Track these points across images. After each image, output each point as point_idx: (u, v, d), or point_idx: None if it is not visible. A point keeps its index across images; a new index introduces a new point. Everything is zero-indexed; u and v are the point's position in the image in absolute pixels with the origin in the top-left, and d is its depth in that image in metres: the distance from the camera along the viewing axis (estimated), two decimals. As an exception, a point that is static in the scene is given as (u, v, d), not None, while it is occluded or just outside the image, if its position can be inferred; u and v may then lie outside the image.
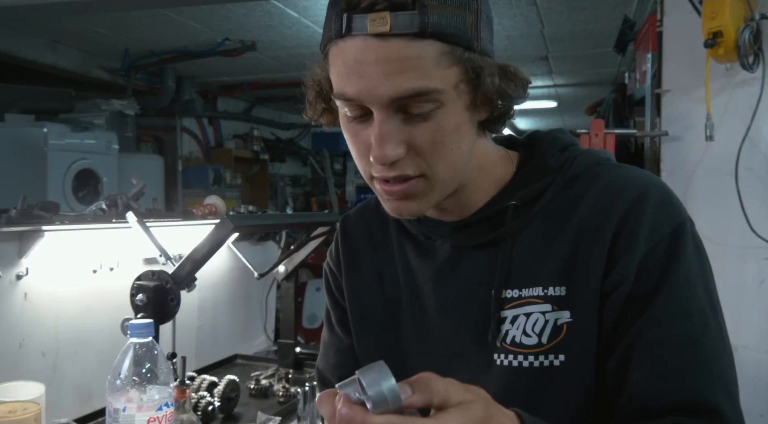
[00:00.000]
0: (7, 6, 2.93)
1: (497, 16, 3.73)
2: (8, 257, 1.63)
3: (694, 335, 0.70)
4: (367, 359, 0.91)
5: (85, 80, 4.68)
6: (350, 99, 0.69)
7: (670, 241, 0.72)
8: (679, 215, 0.75)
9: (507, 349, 0.77)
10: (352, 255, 0.95)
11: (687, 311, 0.70)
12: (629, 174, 0.78)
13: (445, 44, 0.67)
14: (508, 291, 0.78)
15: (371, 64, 0.66)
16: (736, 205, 2.06)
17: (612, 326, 0.73)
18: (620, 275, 0.72)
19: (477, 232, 0.81)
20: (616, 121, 3.02)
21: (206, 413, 1.72)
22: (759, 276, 2.12)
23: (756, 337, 2.11)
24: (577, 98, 6.18)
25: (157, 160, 5.15)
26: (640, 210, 0.73)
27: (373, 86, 0.67)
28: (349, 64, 0.68)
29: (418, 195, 0.74)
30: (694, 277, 0.72)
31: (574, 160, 0.80)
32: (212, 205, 2.36)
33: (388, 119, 0.69)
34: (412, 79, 0.66)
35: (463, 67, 0.69)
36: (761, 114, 2.05)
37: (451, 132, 0.71)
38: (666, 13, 2.32)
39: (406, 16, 0.65)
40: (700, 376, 0.69)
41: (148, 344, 0.96)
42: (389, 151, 0.69)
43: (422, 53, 0.66)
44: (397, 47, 0.65)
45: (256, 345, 2.73)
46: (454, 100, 0.70)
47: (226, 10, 3.64)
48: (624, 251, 0.72)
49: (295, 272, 2.24)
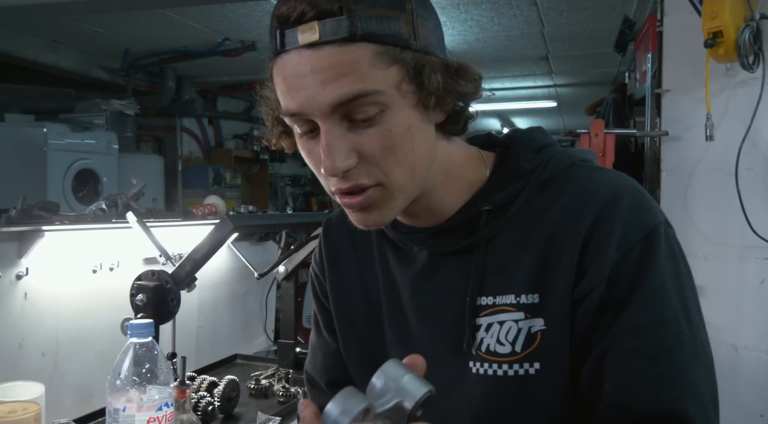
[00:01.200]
0: (7, 6, 2.93)
1: (497, 16, 3.73)
2: (8, 257, 1.63)
3: (666, 344, 0.69)
4: (352, 362, 0.92)
5: (85, 80, 4.68)
6: (294, 114, 0.69)
7: (642, 247, 0.70)
8: (653, 219, 0.72)
9: (482, 357, 0.76)
10: (335, 258, 0.94)
11: (659, 320, 0.69)
12: (602, 177, 0.76)
13: (379, 45, 0.66)
14: (483, 298, 0.77)
15: (307, 75, 0.65)
16: (736, 205, 2.06)
17: (585, 334, 0.72)
18: (591, 283, 0.71)
19: (451, 238, 0.80)
20: (616, 121, 3.02)
21: (206, 413, 1.72)
22: (759, 276, 2.11)
23: (756, 337, 2.11)
24: (577, 98, 6.18)
25: (157, 160, 5.16)
26: (611, 215, 0.71)
27: (312, 97, 0.66)
28: (288, 79, 0.67)
29: (378, 204, 0.72)
30: (667, 284, 0.70)
31: (548, 162, 0.78)
32: (212, 205, 2.36)
33: (334, 129, 0.67)
34: (349, 84, 0.65)
35: (402, 66, 0.67)
36: (761, 114, 2.05)
37: (401, 135, 0.69)
38: (666, 13, 2.32)
39: (333, 23, 0.64)
40: (671, 387, 0.68)
41: (148, 344, 0.96)
42: (338, 163, 0.67)
43: (356, 57, 0.65)
44: (329, 54, 0.65)
45: (256, 345, 2.73)
46: (399, 101, 0.68)
47: (226, 10, 3.64)
48: (594, 258, 0.71)
49: (295, 272, 2.24)
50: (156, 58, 4.69)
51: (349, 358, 0.92)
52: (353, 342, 0.91)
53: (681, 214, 2.22)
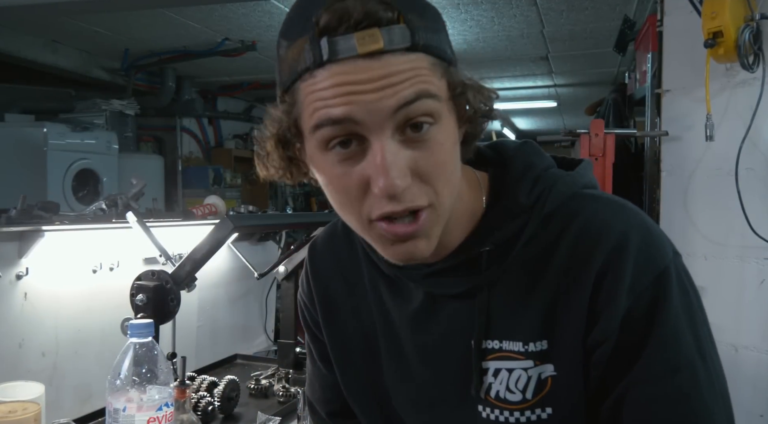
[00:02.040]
0: (7, 6, 2.93)
1: (497, 16, 3.73)
2: (8, 257, 1.63)
3: (683, 391, 0.67)
4: (353, 395, 0.89)
5: (85, 80, 4.68)
6: (338, 120, 0.61)
7: (653, 291, 0.68)
8: (663, 259, 0.69)
9: (492, 403, 0.74)
10: (324, 288, 0.90)
11: (675, 366, 0.67)
12: (607, 214, 0.72)
13: (433, 58, 0.63)
14: (489, 342, 0.75)
15: (364, 82, 0.60)
16: (736, 205, 2.06)
17: (599, 380, 0.70)
18: (604, 332, 0.69)
19: (450, 280, 0.76)
20: (616, 121, 3.02)
21: (206, 413, 1.72)
22: (759, 276, 2.11)
23: (756, 337, 2.11)
24: (577, 98, 6.18)
25: (157, 160, 5.16)
26: (620, 259, 0.68)
27: (370, 101, 0.60)
28: (336, 89, 0.61)
29: (427, 231, 0.66)
30: (680, 326, 0.68)
31: (549, 194, 0.74)
32: (212, 205, 2.36)
33: (389, 142, 0.61)
34: (411, 86, 0.61)
35: (449, 81, 0.65)
36: (761, 114, 2.05)
37: (450, 150, 0.66)
38: (666, 13, 2.32)
39: (397, 30, 0.60)
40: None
41: (148, 344, 0.96)
42: (398, 180, 0.61)
43: (417, 64, 0.62)
44: (392, 63, 0.60)
45: (256, 345, 2.73)
46: (448, 114, 0.65)
47: (226, 10, 3.64)
48: (606, 306, 0.68)
49: (295, 272, 2.24)
50: (156, 58, 4.69)
51: (347, 390, 0.89)
52: (350, 374, 0.89)
53: (681, 214, 2.22)
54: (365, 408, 0.89)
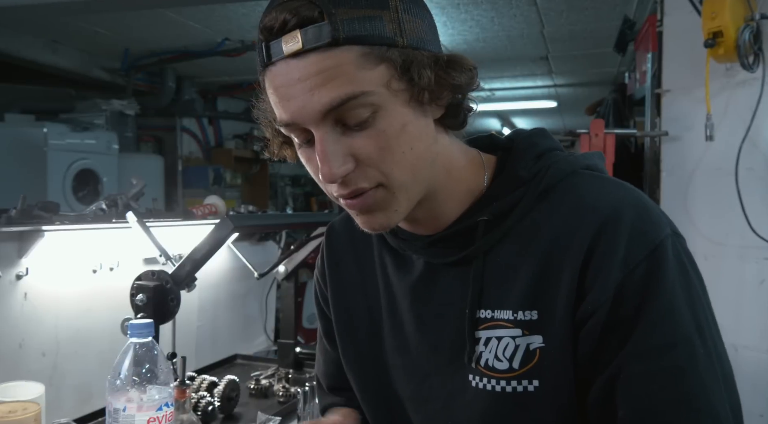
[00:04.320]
0: (7, 6, 2.93)
1: (497, 16, 3.73)
2: (8, 257, 1.63)
3: (680, 367, 0.66)
4: (351, 369, 0.91)
5: (85, 80, 4.68)
6: (288, 124, 0.69)
7: (647, 264, 0.67)
8: (658, 233, 0.69)
9: (482, 372, 0.75)
10: (336, 264, 0.94)
11: (671, 342, 0.66)
12: (603, 189, 0.74)
13: (364, 47, 0.65)
14: (482, 311, 0.76)
15: (295, 84, 0.66)
16: (736, 205, 2.06)
17: (590, 355, 0.70)
18: (593, 304, 0.68)
19: (449, 249, 0.78)
20: (616, 121, 3.02)
21: (206, 413, 1.72)
22: (759, 276, 2.12)
23: (756, 337, 2.11)
24: (577, 98, 6.18)
25: (157, 160, 5.15)
26: (613, 232, 0.69)
27: (302, 105, 0.66)
28: (278, 90, 0.68)
29: (381, 206, 0.72)
30: (677, 302, 0.67)
31: (548, 170, 0.76)
32: (212, 205, 2.36)
33: (327, 136, 0.67)
34: (337, 88, 0.65)
35: (390, 64, 0.67)
36: (761, 114, 2.05)
37: (396, 134, 0.68)
38: (666, 13, 2.32)
39: (315, 29, 0.64)
40: (688, 411, 0.65)
41: (148, 344, 0.96)
42: (335, 169, 0.67)
43: (341, 61, 0.65)
44: (314, 61, 0.65)
45: (256, 345, 2.73)
46: (390, 100, 0.67)
47: (226, 10, 3.64)
48: (596, 278, 0.68)
49: (295, 272, 2.24)
50: (156, 58, 4.69)
51: (347, 365, 0.92)
52: (351, 349, 0.91)
53: (681, 214, 2.22)
54: (363, 384, 0.91)
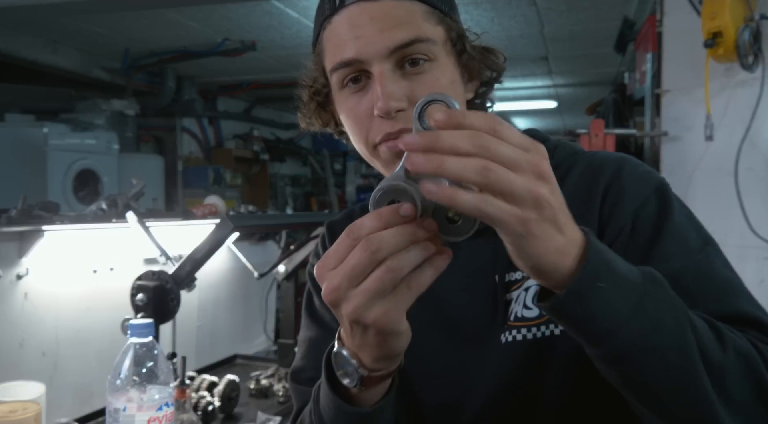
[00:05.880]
0: (7, 6, 2.93)
1: (497, 16, 3.73)
2: (8, 257, 1.63)
3: (704, 267, 0.71)
4: None
5: (85, 80, 4.68)
6: (348, 62, 0.73)
7: (656, 197, 0.75)
8: (657, 176, 0.79)
9: (511, 325, 0.77)
10: None
11: (687, 249, 0.72)
12: (604, 153, 0.84)
13: (428, 6, 0.75)
14: (511, 274, 0.79)
15: (366, 24, 0.72)
16: (736, 205, 2.07)
17: None
18: (615, 229, 0.74)
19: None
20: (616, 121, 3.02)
21: (206, 413, 1.72)
22: (759, 276, 2.12)
23: (756, 337, 2.11)
24: (577, 98, 6.18)
25: (157, 160, 5.15)
26: (620, 177, 0.78)
27: (371, 42, 0.72)
28: (345, 31, 0.73)
29: None
30: (686, 225, 0.74)
31: (554, 151, 0.83)
32: (212, 205, 2.37)
33: (389, 73, 0.72)
34: (407, 30, 0.72)
35: (446, 28, 0.76)
36: (761, 114, 2.05)
37: (447, 86, 0.75)
38: (666, 13, 2.32)
39: None
40: (731, 295, 0.69)
41: (148, 344, 0.96)
42: (393, 102, 0.71)
43: (411, 10, 0.73)
44: (388, 6, 0.72)
45: (256, 345, 2.73)
46: (445, 55, 0.75)
47: (226, 10, 3.64)
48: (613, 210, 0.76)
49: (295, 272, 2.24)
50: (156, 58, 4.68)
51: None
52: None
53: (681, 214, 2.22)
54: None
